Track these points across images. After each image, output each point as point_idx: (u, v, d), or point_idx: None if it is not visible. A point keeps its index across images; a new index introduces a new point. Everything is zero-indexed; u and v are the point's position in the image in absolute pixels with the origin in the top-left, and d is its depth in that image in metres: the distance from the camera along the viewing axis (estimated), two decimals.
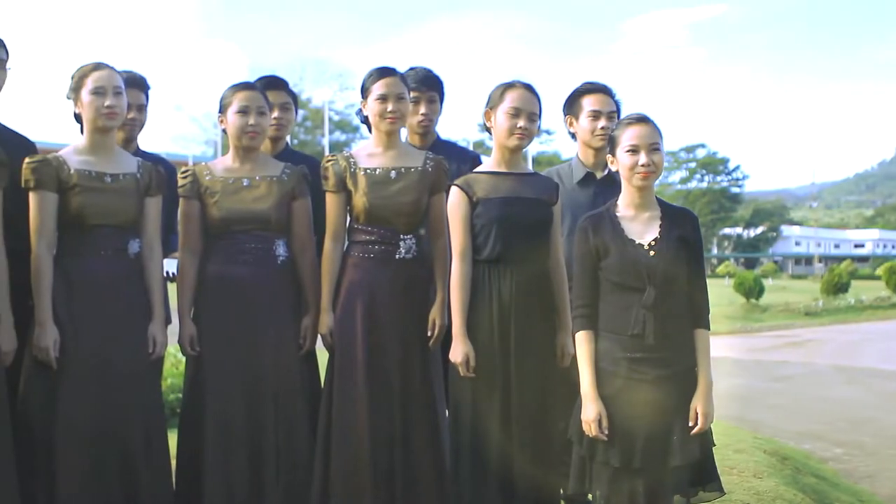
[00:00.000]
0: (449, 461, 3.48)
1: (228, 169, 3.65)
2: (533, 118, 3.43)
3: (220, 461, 3.47)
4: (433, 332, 3.54)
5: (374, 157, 3.62)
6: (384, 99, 3.54)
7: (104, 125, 3.43)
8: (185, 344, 3.56)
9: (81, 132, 3.51)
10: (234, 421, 3.48)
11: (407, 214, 3.57)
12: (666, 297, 2.94)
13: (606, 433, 2.94)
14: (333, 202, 3.61)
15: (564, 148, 60.14)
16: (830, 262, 59.90)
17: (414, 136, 4.09)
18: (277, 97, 3.97)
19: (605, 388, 2.98)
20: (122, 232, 3.46)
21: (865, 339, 17.84)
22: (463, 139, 31.33)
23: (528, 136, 3.43)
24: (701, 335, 3.03)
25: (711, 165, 76.17)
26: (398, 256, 3.57)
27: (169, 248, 3.78)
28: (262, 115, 3.59)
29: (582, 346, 3.03)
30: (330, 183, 3.60)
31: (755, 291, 25.16)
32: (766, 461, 5.47)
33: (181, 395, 3.88)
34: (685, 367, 3.00)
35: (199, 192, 3.60)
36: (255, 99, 3.58)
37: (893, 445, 7.25)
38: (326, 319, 3.55)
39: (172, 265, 3.72)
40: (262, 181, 3.62)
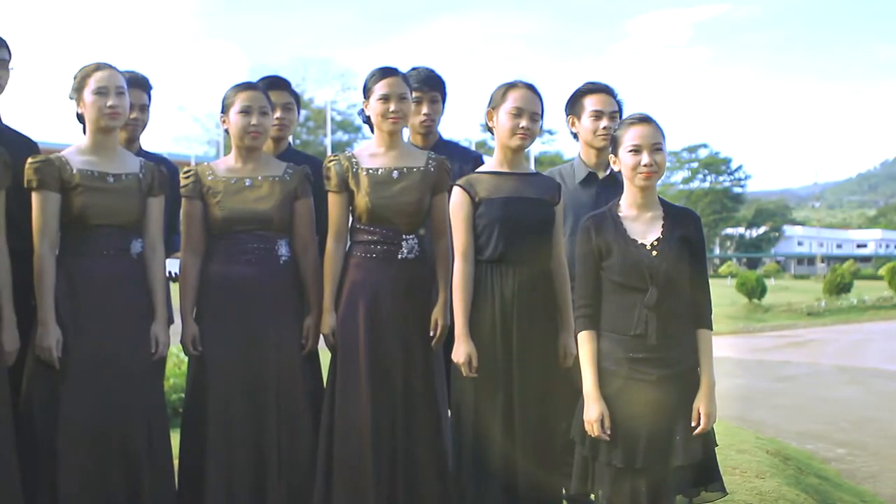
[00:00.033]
0: (451, 461, 3.48)
1: (231, 169, 3.65)
2: (535, 118, 3.43)
3: (222, 461, 3.47)
4: (435, 332, 3.54)
5: (376, 157, 3.62)
6: (386, 99, 3.54)
7: (107, 125, 3.43)
8: (187, 344, 3.56)
9: (84, 132, 3.51)
10: (236, 421, 3.49)
11: (409, 214, 3.57)
12: (668, 297, 2.94)
13: (609, 433, 2.94)
14: (336, 202, 3.61)
15: (566, 148, 60.17)
16: (833, 262, 59.82)
17: (416, 136, 4.08)
18: (280, 97, 3.98)
19: (607, 388, 2.98)
20: (124, 232, 3.46)
21: (868, 339, 17.82)
22: (465, 139, 31.31)
23: (530, 136, 3.43)
24: (703, 335, 3.03)
25: (714, 165, 76.07)
26: (400, 256, 3.56)
27: (171, 248, 3.78)
28: (264, 115, 3.59)
29: (584, 346, 3.03)
30: (332, 183, 3.60)
31: (757, 291, 25.15)
32: (768, 461, 5.47)
33: (183, 395, 3.88)
34: (687, 367, 2.99)
35: (201, 192, 3.60)
36: (257, 99, 3.58)
37: None
38: (329, 319, 3.55)
39: (175, 265, 3.72)
40: (264, 181, 3.62)
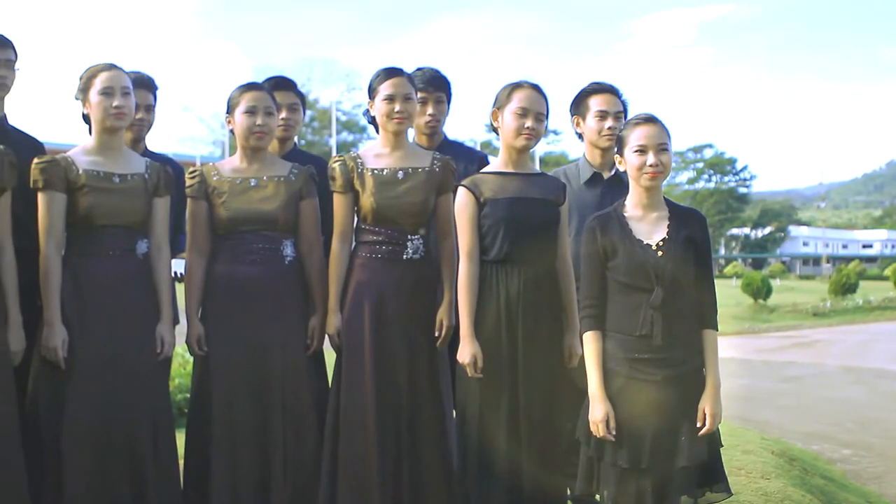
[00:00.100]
0: (456, 461, 3.48)
1: (236, 169, 3.65)
2: (540, 118, 3.43)
3: (227, 461, 3.47)
4: (440, 332, 3.54)
5: (381, 157, 3.62)
6: (391, 99, 3.54)
7: (112, 125, 3.44)
8: (192, 344, 3.57)
9: (90, 133, 3.52)
10: (241, 421, 3.49)
11: (414, 215, 3.57)
12: (674, 297, 2.94)
13: (614, 434, 2.94)
14: (341, 202, 3.61)
15: (572, 148, 60.18)
16: (838, 262, 59.69)
17: (421, 136, 4.09)
18: (285, 98, 3.98)
19: (612, 388, 2.98)
20: (130, 232, 3.47)
21: (874, 339, 17.78)
22: (470, 139, 31.28)
23: (535, 136, 3.43)
24: (709, 336, 3.02)
25: (719, 166, 75.94)
26: (405, 257, 3.56)
27: (177, 248, 3.78)
28: (269, 115, 3.59)
29: (590, 346, 3.02)
30: (337, 183, 3.60)
31: (763, 292, 25.12)
32: (773, 462, 5.45)
33: (189, 395, 3.89)
34: (693, 367, 2.99)
35: (206, 192, 3.61)
36: (262, 99, 3.58)
37: None
38: (334, 320, 3.55)
39: (180, 265, 3.73)
40: (269, 181, 3.62)
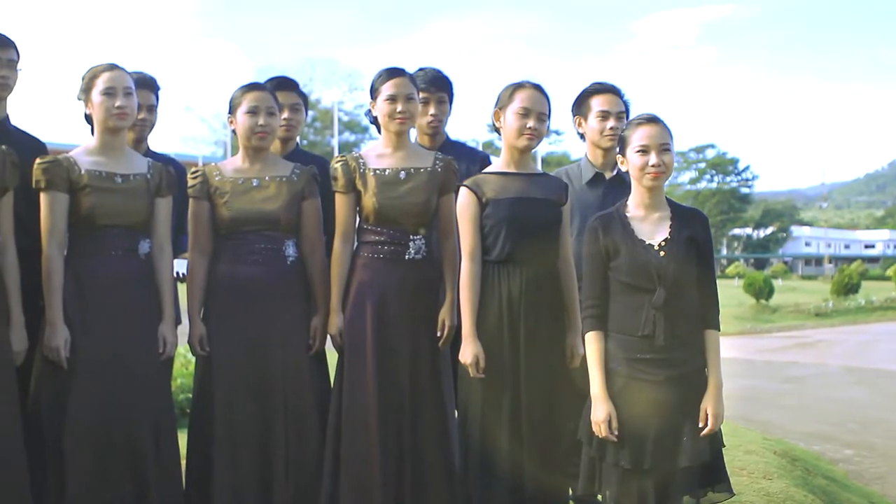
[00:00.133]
0: (458, 461, 3.48)
1: (238, 169, 3.66)
2: (542, 118, 3.43)
3: (229, 461, 3.47)
4: (443, 332, 3.54)
5: (383, 157, 3.62)
6: (393, 99, 3.54)
7: (115, 126, 3.44)
8: (194, 344, 3.57)
9: (92, 133, 3.52)
10: (243, 421, 3.49)
11: (416, 215, 3.57)
12: (676, 297, 2.93)
13: (616, 434, 2.93)
14: (343, 203, 3.61)
15: (573, 148, 60.15)
16: (841, 262, 59.63)
17: (423, 136, 4.08)
18: (287, 98, 3.98)
19: (614, 388, 2.97)
20: (132, 232, 3.47)
21: (876, 339, 17.78)
22: (472, 139, 31.27)
23: (537, 136, 3.42)
24: (711, 336, 3.02)
25: (721, 166, 75.91)
26: (408, 257, 3.56)
27: (179, 248, 3.78)
28: (271, 115, 3.59)
29: (592, 346, 3.02)
30: (339, 184, 3.60)
31: (765, 292, 25.12)
32: (776, 462, 5.45)
33: (191, 395, 3.89)
34: (695, 367, 2.99)
35: (208, 192, 3.61)
36: (264, 99, 3.59)
37: None
38: (336, 320, 3.55)
39: (182, 266, 3.73)
40: (271, 181, 3.62)
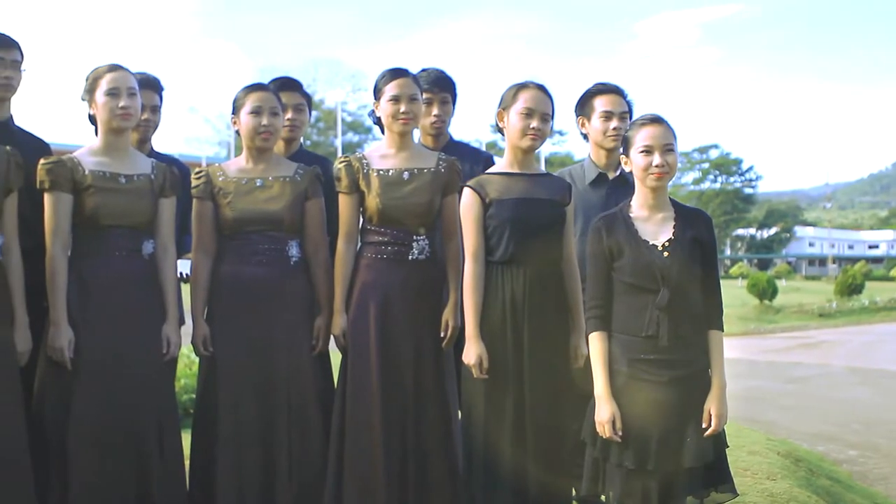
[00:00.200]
0: (461, 462, 3.48)
1: (242, 170, 3.66)
2: (546, 119, 3.42)
3: (232, 462, 3.47)
4: (446, 333, 3.54)
5: (386, 158, 3.62)
6: (397, 100, 3.54)
7: (119, 126, 3.44)
8: (198, 344, 3.57)
9: (96, 133, 3.53)
10: (247, 421, 3.49)
11: (420, 215, 3.56)
12: (680, 298, 2.93)
13: (620, 434, 2.93)
14: (346, 203, 3.61)
15: (577, 149, 60.13)
16: (844, 263, 59.62)
17: (427, 137, 4.08)
18: (291, 98, 3.99)
19: (618, 389, 2.97)
20: (136, 233, 3.47)
21: (880, 340, 17.77)
22: (475, 140, 31.30)
23: (540, 136, 3.42)
24: (714, 336, 3.02)
25: (724, 166, 75.77)
26: (411, 257, 3.56)
27: (182, 248, 3.79)
28: (274, 115, 3.59)
29: (595, 346, 3.02)
30: (343, 184, 3.60)
31: (768, 293, 25.11)
32: (779, 463, 5.45)
33: (194, 395, 3.89)
34: (699, 368, 2.99)
35: (212, 192, 3.61)
36: (267, 100, 3.59)
37: None
38: (339, 320, 3.55)
39: (186, 266, 3.73)
40: (275, 182, 3.62)
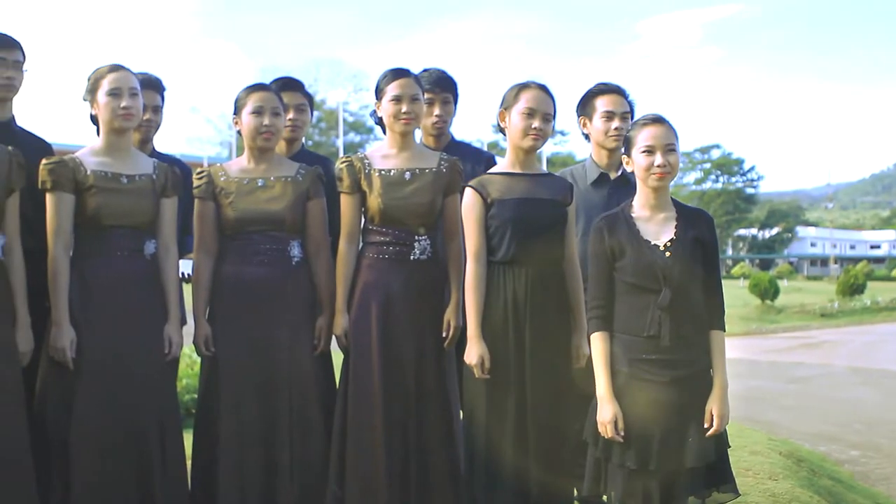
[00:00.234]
0: (463, 462, 3.48)
1: (243, 170, 3.66)
2: (547, 119, 3.42)
3: (234, 462, 3.48)
4: (448, 333, 3.54)
5: (388, 158, 3.62)
6: (398, 100, 3.54)
7: (120, 126, 3.44)
8: (199, 344, 3.57)
9: (98, 134, 3.53)
10: (248, 422, 3.49)
11: (421, 215, 3.56)
12: (681, 298, 2.93)
13: (622, 434, 2.93)
14: (348, 203, 3.61)
15: (578, 149, 60.11)
16: (846, 263, 59.58)
17: (428, 137, 4.08)
18: (293, 98, 3.99)
19: (620, 389, 2.97)
20: (138, 233, 3.47)
21: (881, 340, 17.75)
22: (477, 140, 31.30)
23: (542, 136, 3.42)
24: (716, 336, 3.02)
25: (726, 166, 75.71)
26: (413, 257, 3.56)
27: (184, 249, 3.79)
28: (276, 115, 3.60)
29: (597, 347, 3.02)
30: (344, 184, 3.60)
31: (770, 293, 25.09)
32: (781, 463, 5.44)
33: (196, 395, 3.89)
34: (700, 368, 2.98)
35: (213, 192, 3.61)
36: (269, 100, 3.59)
37: None
38: (341, 320, 3.55)
39: (188, 266, 3.73)
40: (276, 182, 3.62)
